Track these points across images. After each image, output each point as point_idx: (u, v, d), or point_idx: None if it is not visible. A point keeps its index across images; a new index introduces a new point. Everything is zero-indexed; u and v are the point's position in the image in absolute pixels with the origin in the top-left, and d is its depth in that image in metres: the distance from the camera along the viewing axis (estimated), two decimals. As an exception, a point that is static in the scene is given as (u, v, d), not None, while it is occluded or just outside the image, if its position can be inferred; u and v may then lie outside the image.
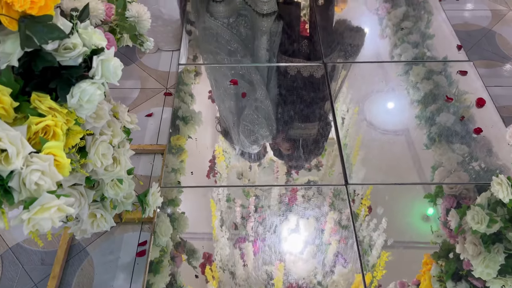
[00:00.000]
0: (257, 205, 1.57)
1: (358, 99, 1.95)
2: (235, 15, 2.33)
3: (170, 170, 1.68)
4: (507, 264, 1.33)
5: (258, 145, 1.83)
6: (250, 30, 2.25)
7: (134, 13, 0.97)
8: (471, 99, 1.90)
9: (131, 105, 1.99)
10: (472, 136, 1.76)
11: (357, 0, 2.50)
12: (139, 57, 2.32)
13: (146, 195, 1.17)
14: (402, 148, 1.77)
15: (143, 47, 1.06)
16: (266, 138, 1.83)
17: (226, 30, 2.22)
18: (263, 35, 2.26)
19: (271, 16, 2.35)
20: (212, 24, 2.29)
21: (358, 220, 1.53)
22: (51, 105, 0.76)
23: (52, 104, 0.76)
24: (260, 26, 2.31)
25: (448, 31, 2.26)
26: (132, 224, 1.67)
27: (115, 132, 0.97)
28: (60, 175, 0.76)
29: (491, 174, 1.64)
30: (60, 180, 0.77)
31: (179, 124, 1.84)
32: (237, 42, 2.21)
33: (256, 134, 1.85)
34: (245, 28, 2.27)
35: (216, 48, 2.15)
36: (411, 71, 2.05)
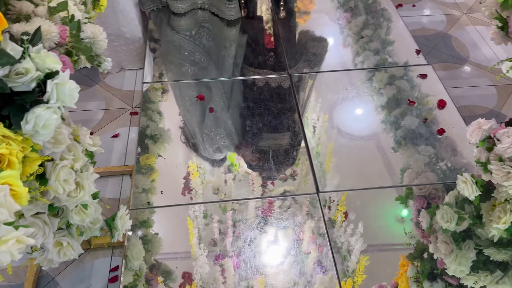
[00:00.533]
0: (234, 219, 1.56)
1: (327, 107, 1.98)
2: (197, 28, 2.34)
3: (140, 191, 1.64)
4: (478, 259, 1.36)
5: (221, 153, 1.82)
6: (212, 42, 2.27)
7: (89, 34, 0.95)
8: (433, 101, 1.95)
9: (96, 127, 1.95)
10: (436, 137, 1.81)
11: (319, 11, 2.55)
12: (102, 78, 2.28)
13: (114, 219, 1.14)
14: (372, 152, 1.80)
15: (101, 67, 1.04)
16: (228, 148, 1.83)
17: (189, 42, 2.22)
18: (232, 44, 2.27)
19: (236, 24, 2.38)
20: (175, 37, 2.29)
21: (335, 226, 1.54)
22: (4, 133, 0.73)
23: (5, 132, 0.73)
24: (227, 36, 2.33)
25: (407, 37, 2.33)
26: (102, 249, 1.62)
27: (77, 156, 0.94)
28: (17, 205, 0.72)
29: (457, 173, 1.68)
30: (18, 210, 0.74)
31: (148, 143, 1.81)
32: (200, 53, 2.21)
33: (218, 144, 1.85)
34: (207, 39, 2.29)
35: (180, 60, 2.14)
36: (374, 77, 2.10)
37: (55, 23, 0.91)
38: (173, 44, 2.26)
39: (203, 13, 2.43)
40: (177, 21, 2.39)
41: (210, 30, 2.36)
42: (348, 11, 2.51)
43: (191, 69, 2.12)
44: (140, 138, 1.81)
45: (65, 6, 0.91)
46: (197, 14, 2.45)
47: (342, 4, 2.55)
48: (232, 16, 2.31)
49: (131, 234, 1.48)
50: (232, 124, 1.93)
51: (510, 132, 1.08)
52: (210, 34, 2.33)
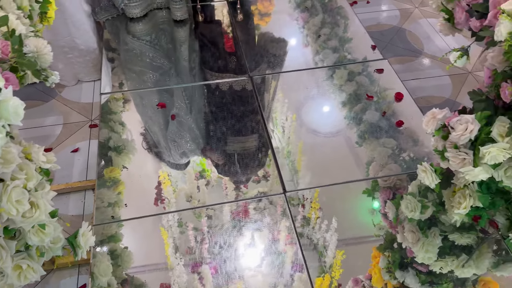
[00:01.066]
0: (210, 225, 1.54)
1: (294, 107, 1.99)
2: (156, 31, 2.31)
3: (106, 205, 1.60)
4: (444, 245, 1.40)
5: (187, 157, 1.80)
6: (171, 44, 2.25)
7: (33, 48, 0.91)
8: (391, 95, 2.00)
9: (55, 142, 1.88)
10: (397, 129, 1.85)
11: (279, 12, 2.57)
12: (58, 92, 2.21)
13: (76, 237, 1.10)
14: (340, 148, 1.82)
15: (48, 82, 1.00)
16: (194, 152, 1.81)
17: (149, 48, 2.20)
18: (181, 46, 2.26)
19: (185, 25, 2.37)
20: (135, 44, 2.25)
21: (310, 223, 1.55)
22: None
23: None
24: (178, 37, 2.32)
25: (363, 33, 2.38)
26: (67, 268, 1.57)
27: (29, 175, 0.90)
28: (-36, 232, 0.69)
29: (419, 162, 1.72)
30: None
31: (112, 155, 1.77)
32: (161, 58, 2.19)
33: (183, 148, 1.83)
34: (166, 42, 2.26)
35: (141, 67, 2.11)
36: (334, 75, 2.13)
37: (-4, 38, 0.87)
38: (133, 51, 2.23)
39: (161, 14, 2.41)
40: (135, 27, 2.35)
41: (168, 32, 2.34)
42: (304, 11, 2.53)
43: (152, 76, 2.09)
44: (102, 151, 1.76)
45: (5, 21, 0.87)
46: (155, 17, 2.42)
47: (299, 4, 2.58)
48: (179, 17, 2.33)
49: (98, 250, 1.43)
50: (196, 129, 1.91)
51: (463, 120, 1.11)
52: (168, 37, 2.31)
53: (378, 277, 1.44)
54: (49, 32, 2.05)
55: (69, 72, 2.33)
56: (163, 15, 2.43)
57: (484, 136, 1.11)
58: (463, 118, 1.10)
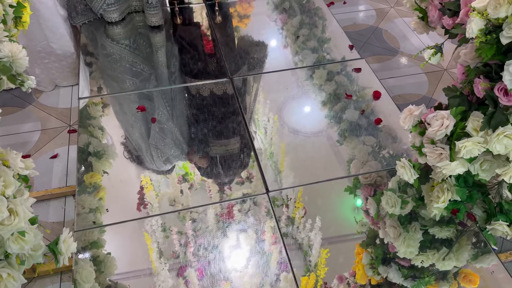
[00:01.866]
0: (194, 228, 1.53)
1: (275, 108, 2.00)
2: (134, 35, 2.29)
3: (87, 211, 1.57)
4: (425, 239, 1.43)
5: (171, 163, 1.79)
6: (150, 48, 2.23)
7: (7, 53, 0.90)
8: (369, 93, 2.03)
9: (33, 149, 1.85)
10: (376, 127, 1.88)
11: (258, 14, 2.58)
12: (36, 97, 2.17)
13: (57, 243, 1.08)
14: (321, 147, 1.84)
15: (24, 86, 0.99)
16: (178, 157, 1.80)
17: (128, 52, 2.18)
18: (158, 51, 2.25)
19: (161, 30, 2.36)
20: (115, 48, 2.23)
21: (295, 223, 1.55)
22: None
23: None
24: (155, 41, 2.31)
25: (341, 33, 2.41)
26: (49, 276, 1.54)
27: (7, 181, 0.88)
28: None
29: (398, 159, 1.75)
30: None
31: (92, 160, 1.74)
32: (141, 62, 2.17)
33: (167, 154, 1.82)
34: (145, 47, 2.25)
35: (119, 72, 2.09)
36: (314, 75, 2.15)
37: (-31, 43, 0.85)
38: (111, 56, 2.20)
39: (139, 18, 2.40)
40: (113, 31, 2.33)
41: (146, 36, 2.33)
42: (282, 12, 2.55)
43: (131, 80, 2.07)
44: (81, 156, 1.73)
45: (-21, 25, 0.86)
46: (132, 21, 2.41)
47: (277, 6, 2.60)
48: (154, 22, 2.33)
49: (80, 256, 1.41)
50: (177, 132, 1.90)
51: (439, 116, 1.14)
52: (147, 41, 2.29)
53: (362, 273, 1.45)
54: (24, 37, 2.01)
55: (46, 77, 2.29)
56: (140, 19, 2.42)
57: (459, 131, 1.14)
58: (439, 114, 1.13)
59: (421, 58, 1.73)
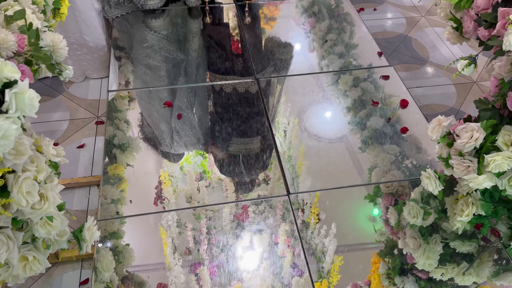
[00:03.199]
0: (209, 226, 1.54)
1: (296, 111, 2.00)
2: (171, 25, 2.33)
3: (109, 202, 1.61)
4: (445, 252, 1.40)
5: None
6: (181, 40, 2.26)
7: (49, 42, 0.93)
8: (396, 101, 2.01)
9: (61, 138, 1.89)
10: (401, 136, 1.86)
11: (285, 17, 2.58)
12: (66, 88, 2.22)
13: (81, 230, 1.11)
14: (342, 153, 1.83)
15: (62, 76, 1.02)
16: (198, 153, 1.82)
17: (166, 42, 2.21)
18: (193, 39, 2.28)
19: (198, 16, 2.39)
20: (154, 38, 2.26)
21: (310, 228, 1.55)
22: (-39, 145, 0.70)
23: (-38, 144, 0.70)
24: (191, 28, 2.34)
25: (369, 40, 2.39)
26: (71, 262, 1.57)
27: (40, 167, 0.91)
28: (-23, 220, 0.70)
29: (422, 169, 1.72)
30: (-22, 225, 0.71)
31: (116, 152, 1.77)
32: (173, 51, 2.20)
33: (188, 149, 1.84)
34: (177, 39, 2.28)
35: (157, 64, 2.12)
36: (339, 80, 2.14)
37: (13, 32, 0.89)
38: (152, 48, 2.23)
39: (175, 9, 2.44)
40: (150, 23, 2.37)
41: (181, 27, 2.36)
42: (311, 16, 2.55)
43: (162, 74, 2.10)
44: (107, 148, 1.77)
45: (22, 15, 0.89)
46: (170, 12, 2.45)
47: (306, 9, 2.60)
48: (193, 3, 2.35)
49: (100, 245, 1.44)
50: (201, 129, 1.92)
51: (469, 128, 1.13)
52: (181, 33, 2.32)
53: (377, 282, 1.44)
54: (60, 28, 2.06)
55: (77, 69, 2.34)
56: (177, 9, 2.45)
57: (489, 144, 1.12)
58: (469, 126, 1.11)
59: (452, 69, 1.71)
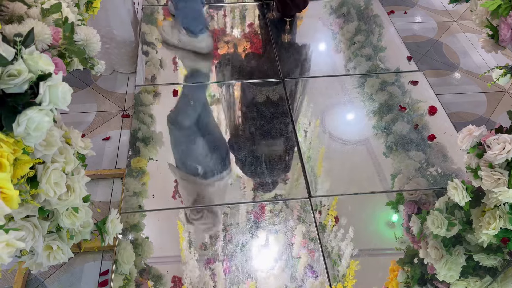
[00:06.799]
0: (225, 223, 1.55)
1: (318, 112, 1.98)
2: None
3: (131, 194, 1.63)
4: (468, 265, 1.37)
5: (211, 157, 1.82)
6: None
7: (83, 36, 0.95)
8: (424, 108, 1.97)
9: (87, 129, 1.93)
10: (427, 143, 1.83)
11: (312, 16, 2.56)
12: (94, 80, 2.27)
13: (104, 223, 1.13)
14: (363, 157, 1.80)
15: (94, 70, 1.04)
16: (220, 150, 1.83)
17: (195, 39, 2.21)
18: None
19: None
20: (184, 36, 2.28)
21: (326, 230, 1.54)
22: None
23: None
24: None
25: (399, 43, 2.35)
26: (92, 253, 1.61)
27: (68, 159, 0.93)
28: (8, 208, 0.72)
29: (448, 178, 1.70)
30: (9, 213, 0.73)
31: (139, 146, 1.80)
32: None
33: (212, 143, 1.86)
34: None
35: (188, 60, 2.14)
36: (365, 83, 2.11)
37: (48, 24, 0.91)
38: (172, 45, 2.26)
39: None
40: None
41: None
42: (340, 17, 2.52)
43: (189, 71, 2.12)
44: (132, 141, 1.79)
45: (58, 8, 0.91)
46: None
47: (335, 10, 2.57)
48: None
49: (121, 238, 1.46)
50: (225, 128, 1.93)
51: (501, 139, 1.09)
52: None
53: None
54: (90, 21, 2.09)
55: (106, 62, 2.37)
56: None
57: (521, 157, 1.08)
58: (501, 137, 1.08)
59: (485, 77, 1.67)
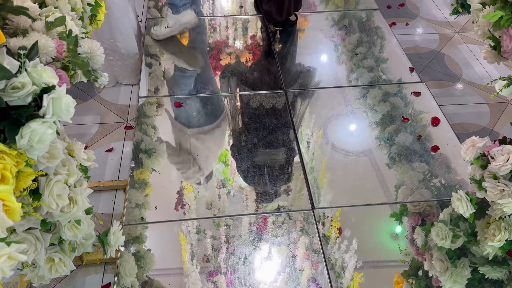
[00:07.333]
0: (228, 235, 1.54)
1: (321, 123, 1.98)
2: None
3: (133, 206, 1.63)
4: (473, 277, 1.35)
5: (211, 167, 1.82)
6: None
7: (87, 49, 0.96)
8: (427, 118, 1.97)
9: (90, 141, 1.94)
10: (430, 154, 1.82)
11: (314, 28, 2.58)
12: (97, 92, 2.28)
13: (107, 235, 1.12)
14: (366, 168, 1.80)
15: (98, 82, 1.04)
16: (221, 162, 1.83)
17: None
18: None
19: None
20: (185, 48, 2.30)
21: (330, 242, 1.53)
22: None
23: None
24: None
25: (401, 55, 2.36)
26: (94, 265, 1.60)
27: (71, 171, 0.93)
28: (10, 221, 0.71)
29: (452, 189, 1.69)
30: (11, 226, 0.73)
31: (142, 157, 1.80)
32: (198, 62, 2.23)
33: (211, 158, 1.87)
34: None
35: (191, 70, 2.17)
36: (368, 94, 2.11)
37: (52, 37, 0.91)
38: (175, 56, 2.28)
39: None
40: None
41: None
42: (342, 29, 2.53)
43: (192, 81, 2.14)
44: (135, 153, 1.80)
45: (62, 21, 0.92)
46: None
47: (337, 22, 2.58)
48: None
49: (123, 250, 1.46)
50: (228, 139, 1.93)
51: (504, 150, 1.09)
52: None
53: (400, 303, 1.41)
54: (94, 34, 2.11)
55: (109, 74, 2.38)
56: None
57: (525, 168, 1.07)
58: (505, 148, 1.08)
59: (488, 89, 1.66)
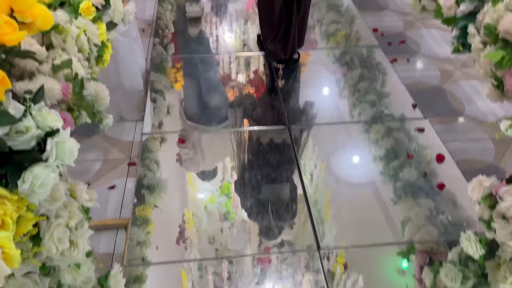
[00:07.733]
0: (230, 271, 1.51)
1: (325, 156, 1.98)
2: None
3: (135, 244, 1.61)
4: (486, 321, 1.31)
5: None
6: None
7: (92, 92, 0.96)
8: (431, 154, 1.96)
9: (93, 178, 1.92)
10: (436, 190, 1.80)
11: (315, 63, 2.62)
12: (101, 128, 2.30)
13: (107, 278, 1.09)
14: (371, 203, 1.78)
15: (102, 124, 1.05)
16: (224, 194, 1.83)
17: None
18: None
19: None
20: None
21: (335, 279, 1.49)
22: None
23: (0, 192, 0.71)
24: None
25: (402, 90, 2.38)
26: (93, 309, 1.55)
27: (72, 213, 0.91)
28: (8, 269, 0.70)
29: (459, 227, 1.66)
30: (9, 273, 0.71)
31: (145, 193, 1.79)
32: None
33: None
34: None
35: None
36: (371, 129, 2.12)
37: (59, 80, 0.92)
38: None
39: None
40: None
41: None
42: (344, 64, 2.57)
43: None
44: (137, 189, 1.79)
45: (69, 64, 0.93)
46: None
47: (338, 58, 2.62)
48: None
49: (123, 291, 1.42)
50: (231, 173, 1.92)
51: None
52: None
53: None
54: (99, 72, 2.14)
55: (113, 110, 2.41)
56: None
57: (535, 209, 1.05)
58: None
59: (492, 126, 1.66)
